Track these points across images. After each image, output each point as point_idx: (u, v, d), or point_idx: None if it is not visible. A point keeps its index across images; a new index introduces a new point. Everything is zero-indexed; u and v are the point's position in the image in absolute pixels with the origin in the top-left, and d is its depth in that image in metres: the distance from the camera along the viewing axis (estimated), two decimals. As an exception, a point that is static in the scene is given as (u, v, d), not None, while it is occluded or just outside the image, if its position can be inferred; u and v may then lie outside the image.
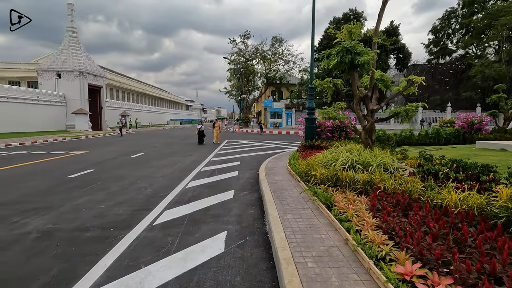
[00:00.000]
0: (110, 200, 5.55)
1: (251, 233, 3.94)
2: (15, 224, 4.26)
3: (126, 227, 4.13)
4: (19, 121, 26.44)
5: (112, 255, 3.28)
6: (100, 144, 17.87)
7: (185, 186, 6.62)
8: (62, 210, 4.94)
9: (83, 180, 7.27)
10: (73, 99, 32.10)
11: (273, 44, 43.75)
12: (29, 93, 28.21)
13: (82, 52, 33.45)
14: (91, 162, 10.25)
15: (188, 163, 10.09)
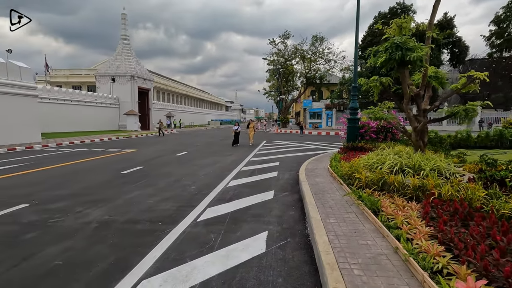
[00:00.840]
0: (157, 195, 5.90)
1: (292, 234, 3.90)
2: (78, 214, 4.74)
3: (172, 222, 4.36)
4: (80, 121, 29.47)
5: (160, 248, 3.48)
6: (148, 143, 19.15)
7: (226, 185, 6.79)
8: (117, 203, 5.38)
9: (134, 176, 7.85)
10: (125, 101, 34.89)
11: (313, 43, 42.90)
12: (88, 96, 31.31)
13: (133, 58, 36.21)
14: (140, 160, 11.02)
15: (228, 162, 10.32)
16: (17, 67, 17.28)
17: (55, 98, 26.89)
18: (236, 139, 16.71)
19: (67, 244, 3.61)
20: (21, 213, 4.78)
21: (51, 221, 4.41)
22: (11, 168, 9.15)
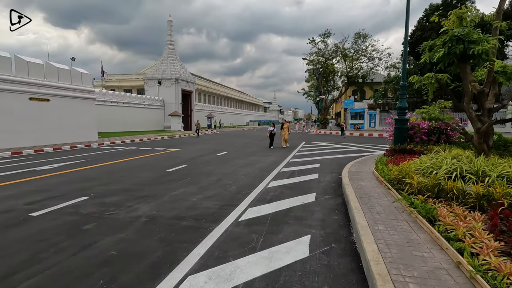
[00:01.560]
0: (200, 194, 6.09)
1: (337, 240, 3.72)
2: (129, 208, 5.08)
3: (215, 220, 4.45)
4: (130, 122, 31.82)
5: (205, 245, 3.56)
6: (190, 142, 19.99)
7: (266, 186, 6.76)
8: (163, 199, 5.66)
9: (179, 174, 8.21)
10: (170, 103, 36.89)
11: (355, 40, 41.12)
12: (138, 98, 33.69)
13: (177, 62, 38.15)
14: (184, 159, 11.52)
15: (268, 163, 10.31)
16: (79, 73, 19.22)
17: (109, 100, 29.39)
18: (272, 141, 16.11)
19: (120, 236, 3.87)
20: (82, 205, 5.26)
21: (107, 214, 4.78)
22: (74, 164, 10.17)
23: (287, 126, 16.25)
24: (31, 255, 3.33)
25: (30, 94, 15.81)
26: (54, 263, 3.15)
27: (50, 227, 4.20)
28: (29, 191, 6.33)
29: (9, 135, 14.69)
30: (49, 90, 16.85)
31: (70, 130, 18.10)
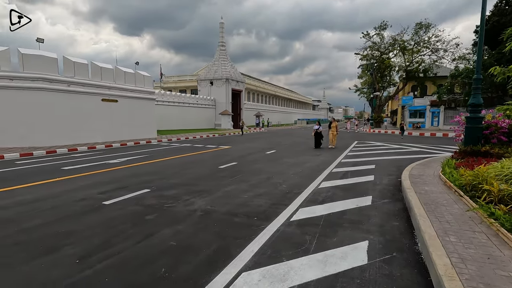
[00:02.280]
0: (251, 191, 6.16)
1: (399, 249, 3.42)
2: (186, 202, 5.37)
3: (266, 219, 4.45)
4: (184, 120, 33.89)
5: (257, 243, 3.57)
6: (239, 141, 20.48)
7: (318, 186, 6.56)
8: (217, 195, 5.86)
9: (230, 171, 8.44)
10: (220, 102, 38.34)
11: (416, 31, 37.54)
12: (192, 98, 35.70)
13: (228, 62, 39.41)
14: (234, 156, 11.83)
15: (318, 163, 10.01)
16: (142, 76, 21.07)
17: (167, 100, 31.68)
18: (318, 141, 14.98)
19: (178, 228, 4.11)
20: (144, 197, 5.73)
21: (166, 206, 5.12)
22: (137, 159, 11.18)
23: (335, 125, 15.16)
24: (105, 240, 3.72)
25: (102, 96, 17.83)
26: (123, 248, 3.47)
27: (119, 216, 4.65)
28: (101, 182, 7.13)
29: (86, 132, 16.77)
30: (117, 92, 18.80)
31: (134, 128, 19.97)
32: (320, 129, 15.02)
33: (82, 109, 16.60)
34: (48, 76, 14.91)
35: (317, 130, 14.96)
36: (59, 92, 15.47)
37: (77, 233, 3.94)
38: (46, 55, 15.15)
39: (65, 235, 3.87)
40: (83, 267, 3.02)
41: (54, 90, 15.23)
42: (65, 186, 6.66)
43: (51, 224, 4.29)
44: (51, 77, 15.05)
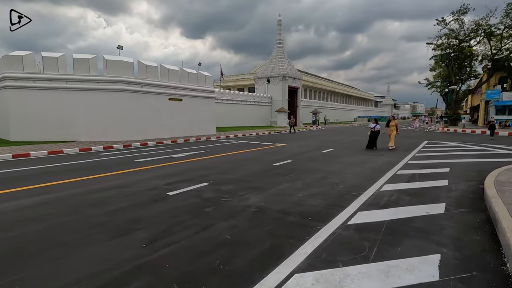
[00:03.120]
0: (306, 190, 6.01)
1: (480, 268, 2.93)
2: (241, 197, 5.50)
3: (321, 220, 4.27)
4: (241, 117, 34.94)
5: (311, 244, 3.45)
6: (295, 138, 20.24)
7: (379, 189, 6.06)
8: (271, 192, 5.87)
9: (284, 169, 8.39)
10: (277, 100, 38.46)
11: (507, 13, 31.77)
12: (249, 96, 36.59)
13: (285, 60, 39.24)
14: (289, 154, 11.73)
15: (380, 163, 9.27)
16: (203, 76, 22.36)
17: (225, 99, 33.07)
18: (373, 141, 13.25)
19: (233, 222, 4.22)
20: (203, 190, 6.06)
21: (223, 200, 5.33)
22: (198, 154, 11.91)
23: (394, 124, 13.42)
24: (167, 228, 4.03)
25: (169, 95, 19.46)
26: (183, 237, 3.71)
27: (180, 206, 5.00)
28: (167, 174, 7.77)
29: (155, 128, 18.54)
30: (182, 92, 20.30)
31: (196, 125, 21.36)
32: (377, 128, 13.35)
33: (152, 107, 18.37)
34: (125, 78, 16.89)
35: (373, 129, 13.34)
36: (134, 92, 17.40)
37: (145, 219, 4.35)
38: (124, 60, 17.16)
39: (136, 220, 4.32)
40: (149, 252, 3.31)
41: (130, 91, 17.19)
42: (138, 176, 7.44)
43: (126, 209, 4.83)
44: (128, 79, 17.01)
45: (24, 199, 5.46)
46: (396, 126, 13.40)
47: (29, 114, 15.53)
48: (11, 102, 15.52)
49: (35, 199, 5.43)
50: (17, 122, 15.61)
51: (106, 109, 16.51)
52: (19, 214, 4.59)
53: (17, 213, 4.67)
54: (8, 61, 15.40)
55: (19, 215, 4.55)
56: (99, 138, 16.42)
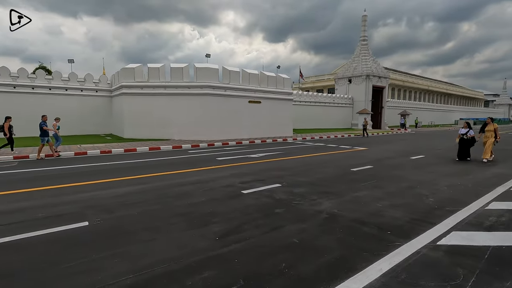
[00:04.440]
0: (386, 200, 5.43)
1: None
2: (313, 202, 5.35)
3: (403, 235, 3.79)
4: (319, 119, 34.00)
5: (388, 261, 3.09)
6: (379, 142, 18.56)
7: (484, 206, 5.00)
8: (345, 198, 5.52)
9: (363, 175, 7.77)
10: (359, 101, 36.01)
11: None
12: (328, 97, 35.36)
13: (369, 57, 36.40)
14: (370, 159, 10.81)
15: (488, 175, 7.66)
16: (282, 78, 22.69)
17: (303, 100, 32.77)
18: (465, 150, 10.54)
19: (302, 226, 4.13)
20: (276, 191, 6.12)
21: (294, 203, 5.28)
22: (273, 155, 12.14)
23: (493, 128, 10.40)
24: (240, 224, 4.23)
25: (249, 98, 20.44)
26: (253, 235, 3.83)
27: (253, 205, 5.17)
28: (243, 173, 8.17)
29: (235, 129, 19.75)
30: (261, 94, 21.06)
31: (273, 126, 21.83)
32: (471, 134, 10.51)
33: (233, 109, 19.62)
34: (211, 83, 18.53)
35: (464, 136, 10.54)
36: (218, 96, 18.93)
37: (220, 214, 4.67)
38: (210, 67, 18.86)
39: (212, 214, 4.67)
40: (221, 245, 3.54)
41: (214, 95, 18.77)
42: (217, 173, 8.06)
43: (204, 203, 5.29)
44: (213, 84, 18.62)
45: (124, 187, 6.56)
46: (495, 131, 10.36)
47: (137, 115, 18.64)
48: (125, 106, 18.95)
49: (132, 188, 6.45)
50: (129, 122, 18.92)
51: (194, 111, 18.45)
52: (120, 200, 5.53)
53: (118, 198, 5.64)
54: (124, 72, 18.87)
55: (120, 201, 5.48)
56: (188, 137, 18.46)
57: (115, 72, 21.47)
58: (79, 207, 5.00)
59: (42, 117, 11.56)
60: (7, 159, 10.59)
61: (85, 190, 6.21)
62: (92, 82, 22.52)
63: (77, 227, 4.11)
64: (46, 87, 20.51)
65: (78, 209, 4.89)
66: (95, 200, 5.47)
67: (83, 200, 5.43)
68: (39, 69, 25.70)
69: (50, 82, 20.73)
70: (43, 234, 3.86)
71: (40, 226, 4.09)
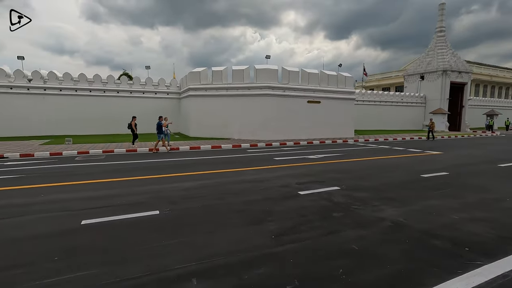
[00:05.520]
0: (464, 211, 4.76)
1: None
2: (375, 208, 5.00)
3: (486, 254, 3.28)
4: (384, 120, 31.50)
5: (466, 281, 2.72)
6: (457, 145, 16.33)
7: None
8: (413, 207, 5.02)
9: (435, 182, 6.95)
10: (432, 99, 32.22)
11: None
12: (395, 96, 32.52)
13: (447, 50, 32.24)
14: (445, 164, 9.60)
15: None
16: (343, 77, 21.71)
17: (367, 100, 30.79)
18: None
19: (362, 233, 3.91)
20: (334, 194, 5.91)
21: (353, 207, 5.02)
22: (332, 156, 11.72)
23: None
24: (295, 225, 4.21)
25: (308, 98, 20.10)
26: (308, 237, 3.77)
27: (309, 206, 5.09)
28: (300, 173, 8.09)
29: (293, 130, 19.65)
30: (321, 94, 20.50)
31: (333, 127, 21.05)
32: None
33: (292, 110, 19.54)
34: (271, 84, 18.78)
35: None
36: (277, 96, 19.08)
37: (276, 213, 4.72)
38: (270, 68, 19.12)
39: (268, 213, 4.75)
40: (276, 244, 3.58)
41: (273, 95, 18.97)
42: (274, 173, 8.15)
43: (260, 201, 5.41)
44: (272, 85, 18.84)
45: (189, 182, 7.10)
46: None
47: (202, 116, 20.02)
48: (191, 106, 20.53)
49: (195, 183, 6.94)
50: (194, 122, 20.44)
51: (254, 111, 18.95)
52: (185, 193, 6.01)
53: (183, 192, 6.13)
54: (191, 76, 20.45)
55: (184, 194, 5.96)
56: (248, 137, 19.05)
57: (184, 76, 23.40)
58: (150, 198, 5.61)
59: (159, 118, 13.91)
60: (97, 153, 12.46)
61: (155, 183, 6.94)
62: (164, 86, 24.97)
63: (149, 215, 4.63)
64: (128, 90, 23.49)
65: (150, 199, 5.49)
66: (164, 192, 6.07)
67: (154, 191, 6.07)
68: (123, 76, 29.58)
69: (131, 87, 23.68)
70: (122, 218, 4.45)
71: (120, 212, 4.73)
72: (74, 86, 21.71)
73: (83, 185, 6.72)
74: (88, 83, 22.25)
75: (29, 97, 20.31)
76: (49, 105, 20.76)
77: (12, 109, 19.62)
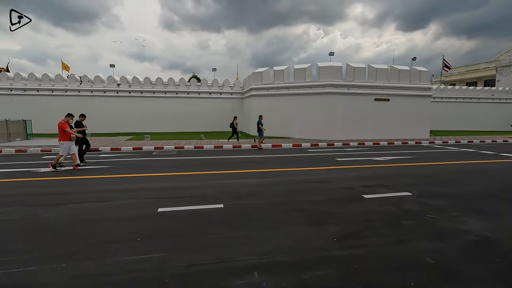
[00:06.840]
0: None
1: None
2: (455, 219, 4.41)
3: None
4: (468, 119, 27.37)
5: None
6: None
7: None
8: (505, 221, 4.28)
9: (538, 194, 5.78)
10: (536, 94, 26.74)
11: None
12: (483, 92, 27.99)
13: (560, 33, 26.27)
14: (552, 174, 7.89)
15: None
16: (418, 72, 19.59)
17: (446, 96, 27.20)
18: None
19: (438, 245, 3.49)
20: (404, 200, 5.41)
21: (428, 216, 4.52)
22: (403, 159, 10.71)
23: None
24: (359, 230, 3.99)
25: (375, 96, 18.74)
26: (373, 244, 3.55)
27: (375, 211, 4.77)
28: (365, 176, 7.62)
29: (358, 129, 18.57)
30: (390, 91, 18.89)
31: (403, 127, 19.19)
32: None
33: (357, 108, 18.47)
34: (334, 82, 18.08)
35: None
36: (340, 94, 18.27)
37: (339, 216, 4.55)
38: (333, 65, 18.41)
39: (330, 214, 4.62)
40: (339, 247, 3.46)
41: (336, 93, 18.22)
42: (336, 174, 7.85)
43: (323, 202, 5.29)
44: (335, 83, 18.11)
45: (252, 178, 7.33)
46: None
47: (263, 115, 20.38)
48: (253, 106, 21.10)
49: (258, 180, 7.13)
50: (255, 121, 20.96)
51: (315, 110, 18.52)
52: (248, 189, 6.22)
53: (247, 188, 6.36)
54: (253, 76, 21.03)
55: (248, 190, 6.17)
56: (309, 136, 18.73)
57: (246, 77, 24.22)
58: (216, 192, 5.99)
59: (259, 117, 15.16)
60: (169, 149, 13.82)
61: (220, 178, 7.37)
62: (228, 86, 26.24)
63: (215, 207, 4.95)
64: (196, 92, 25.40)
65: (215, 193, 5.86)
66: (228, 187, 6.40)
67: (219, 186, 6.46)
68: (192, 78, 32.10)
69: (199, 88, 25.54)
70: (191, 209, 4.86)
71: (188, 203, 5.17)
72: (153, 89, 24.46)
73: (159, 177, 7.54)
74: (164, 86, 24.83)
75: (118, 100, 23.67)
76: (132, 105, 23.85)
77: (105, 109, 23.12)
